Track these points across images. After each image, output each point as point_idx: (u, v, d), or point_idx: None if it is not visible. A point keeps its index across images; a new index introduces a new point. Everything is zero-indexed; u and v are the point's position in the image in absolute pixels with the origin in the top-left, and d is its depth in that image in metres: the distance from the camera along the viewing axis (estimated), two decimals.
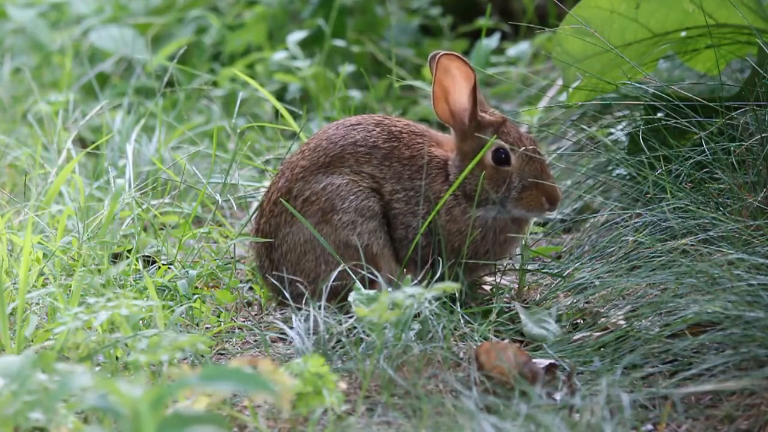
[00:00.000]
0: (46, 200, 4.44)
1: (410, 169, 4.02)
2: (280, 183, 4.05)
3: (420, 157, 4.03)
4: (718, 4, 4.37)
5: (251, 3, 7.06)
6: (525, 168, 3.99)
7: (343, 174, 4.00)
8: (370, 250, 3.96)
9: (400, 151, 4.03)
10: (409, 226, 4.00)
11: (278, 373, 3.15)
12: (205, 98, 6.26)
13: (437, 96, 4.00)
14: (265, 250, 4.05)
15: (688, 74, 4.84)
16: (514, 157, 3.99)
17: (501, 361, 3.47)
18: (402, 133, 4.06)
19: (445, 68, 3.96)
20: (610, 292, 3.90)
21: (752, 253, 3.64)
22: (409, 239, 4.00)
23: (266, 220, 4.05)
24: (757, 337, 3.37)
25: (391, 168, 4.02)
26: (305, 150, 4.06)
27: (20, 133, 5.75)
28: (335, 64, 6.32)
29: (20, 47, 7.22)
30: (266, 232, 4.04)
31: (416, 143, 4.06)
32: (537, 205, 3.99)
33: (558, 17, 6.16)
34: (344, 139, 4.03)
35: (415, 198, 4.00)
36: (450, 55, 3.95)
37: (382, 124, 4.07)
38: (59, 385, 2.81)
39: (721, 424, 3.31)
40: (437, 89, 3.99)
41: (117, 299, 3.41)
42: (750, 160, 4.05)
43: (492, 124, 4.01)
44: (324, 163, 4.01)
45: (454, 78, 3.97)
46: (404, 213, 4.00)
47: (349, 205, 3.97)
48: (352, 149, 4.02)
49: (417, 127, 4.11)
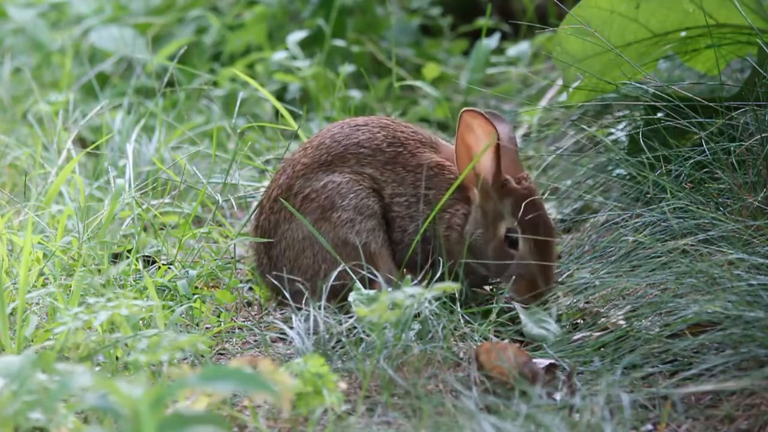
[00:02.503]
0: (46, 200, 4.44)
1: (412, 175, 4.02)
2: (281, 180, 4.05)
3: (423, 164, 4.01)
4: (718, 4, 4.37)
5: (251, 3, 7.06)
6: (527, 256, 3.91)
7: (344, 173, 4.00)
8: (368, 249, 3.96)
9: (404, 158, 4.02)
10: (406, 231, 4.00)
11: (278, 373, 3.15)
12: (205, 98, 6.26)
13: (460, 153, 3.94)
14: (264, 247, 4.05)
15: (688, 74, 4.84)
16: (522, 243, 3.92)
17: (501, 361, 3.47)
18: (408, 140, 4.05)
19: (467, 125, 3.90)
20: (610, 292, 3.90)
21: (752, 253, 3.64)
22: (404, 243, 4.00)
23: (266, 217, 4.05)
24: (757, 337, 3.37)
25: (394, 172, 4.01)
26: (308, 147, 4.06)
27: (20, 133, 5.75)
28: (335, 64, 6.32)
29: (20, 47, 7.22)
30: (265, 228, 4.04)
31: (420, 150, 4.04)
32: (522, 294, 3.93)
33: (558, 17, 6.16)
34: (348, 139, 4.03)
35: (416, 204, 4.00)
36: (473, 113, 3.87)
37: (388, 128, 4.06)
38: (59, 385, 2.81)
39: (721, 424, 3.31)
40: (460, 146, 3.93)
41: (117, 299, 3.41)
42: (750, 160, 4.05)
43: (514, 194, 3.92)
44: (326, 162, 4.01)
45: (477, 136, 3.90)
46: (403, 217, 4.00)
47: (348, 203, 3.97)
48: (354, 149, 4.02)
49: (422, 135, 4.09)
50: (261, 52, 6.60)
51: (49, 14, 7.50)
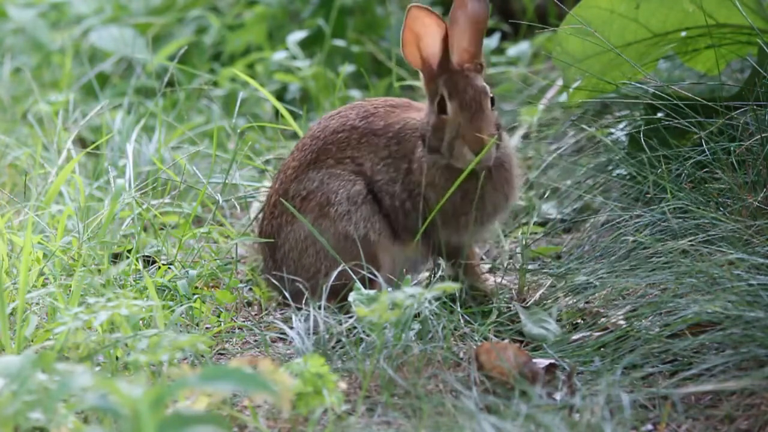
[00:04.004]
0: (46, 200, 4.44)
1: (384, 138, 4.05)
2: (276, 185, 4.12)
3: (394, 123, 4.05)
4: (718, 4, 4.37)
5: (251, 3, 7.06)
6: (458, 118, 3.93)
7: (329, 166, 4.02)
8: (368, 239, 3.98)
9: (374, 124, 4.07)
10: (394, 194, 4.02)
11: (278, 373, 3.15)
12: (205, 98, 6.26)
13: (407, 41, 3.98)
14: (269, 250, 4.09)
15: (688, 74, 4.83)
16: (450, 107, 3.94)
17: (501, 361, 3.47)
18: (378, 108, 4.10)
19: (415, 17, 3.94)
20: (610, 292, 3.90)
21: (752, 253, 3.64)
22: (396, 206, 4.02)
23: (268, 222, 4.10)
24: (757, 337, 3.37)
25: (367, 143, 4.05)
26: (294, 152, 4.14)
27: (20, 133, 5.75)
28: (335, 64, 6.32)
29: (20, 47, 7.22)
30: (268, 233, 4.09)
31: (391, 113, 4.08)
32: (459, 155, 3.92)
33: (558, 17, 6.16)
34: (324, 131, 4.10)
35: (393, 164, 4.02)
36: (421, 8, 3.93)
37: (358, 106, 4.13)
38: (59, 385, 2.81)
39: (721, 424, 3.31)
40: (407, 34, 3.97)
41: (117, 299, 3.41)
42: (750, 160, 4.05)
43: (449, 71, 3.97)
44: (312, 160, 4.07)
45: (425, 25, 3.95)
46: (386, 182, 4.03)
47: (341, 196, 4.01)
48: (332, 138, 4.07)
49: (395, 101, 4.14)
50: (261, 52, 6.60)
51: (49, 14, 7.49)
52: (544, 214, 4.74)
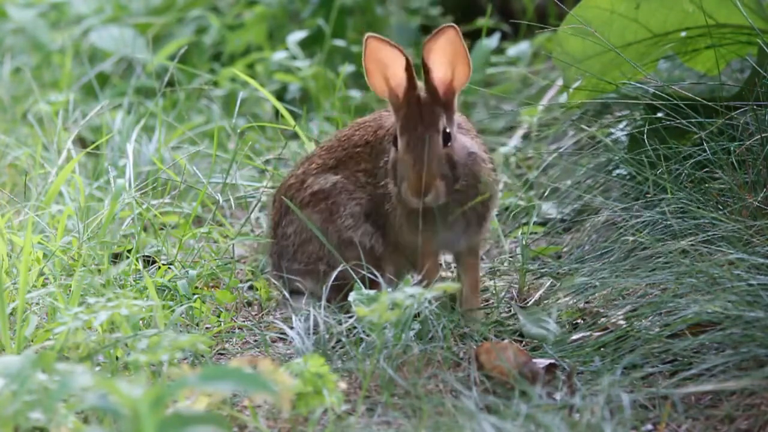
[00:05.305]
0: (46, 200, 4.44)
1: (370, 148, 4.01)
2: (299, 171, 4.07)
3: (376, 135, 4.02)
4: (718, 4, 4.37)
5: (251, 3, 7.06)
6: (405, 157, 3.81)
7: (345, 176, 4.01)
8: (374, 252, 3.96)
9: (364, 138, 4.04)
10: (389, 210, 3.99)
11: (278, 373, 3.15)
12: (205, 98, 6.26)
13: (370, 71, 3.89)
14: (274, 223, 4.07)
15: (688, 74, 4.83)
16: (400, 144, 3.82)
17: (501, 361, 3.47)
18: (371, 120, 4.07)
19: (376, 47, 3.86)
20: (610, 292, 3.90)
21: (752, 253, 3.64)
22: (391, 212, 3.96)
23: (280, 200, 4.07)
24: (757, 337, 3.37)
25: (360, 157, 4.02)
26: (321, 150, 4.09)
27: (20, 133, 5.75)
28: (335, 64, 6.32)
29: (20, 47, 7.22)
30: (278, 208, 4.06)
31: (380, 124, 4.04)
32: (405, 197, 3.81)
33: (558, 17, 6.16)
34: (348, 141, 4.05)
35: (376, 171, 3.99)
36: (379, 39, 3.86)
37: (378, 118, 4.07)
38: (59, 385, 2.81)
39: (721, 424, 3.31)
40: (370, 65, 3.88)
41: (117, 299, 3.41)
42: (750, 160, 4.06)
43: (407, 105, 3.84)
44: (332, 166, 4.03)
45: (388, 56, 3.87)
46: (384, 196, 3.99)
47: (346, 210, 3.98)
48: (353, 152, 4.03)
49: None
50: (261, 52, 6.60)
51: (49, 14, 7.49)
52: (544, 214, 4.74)
